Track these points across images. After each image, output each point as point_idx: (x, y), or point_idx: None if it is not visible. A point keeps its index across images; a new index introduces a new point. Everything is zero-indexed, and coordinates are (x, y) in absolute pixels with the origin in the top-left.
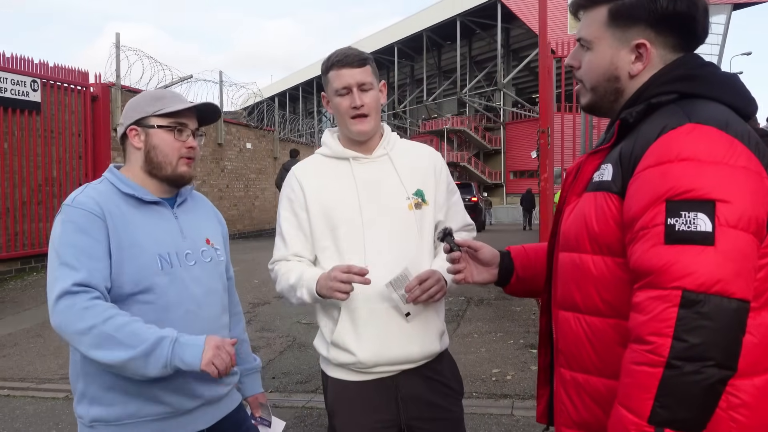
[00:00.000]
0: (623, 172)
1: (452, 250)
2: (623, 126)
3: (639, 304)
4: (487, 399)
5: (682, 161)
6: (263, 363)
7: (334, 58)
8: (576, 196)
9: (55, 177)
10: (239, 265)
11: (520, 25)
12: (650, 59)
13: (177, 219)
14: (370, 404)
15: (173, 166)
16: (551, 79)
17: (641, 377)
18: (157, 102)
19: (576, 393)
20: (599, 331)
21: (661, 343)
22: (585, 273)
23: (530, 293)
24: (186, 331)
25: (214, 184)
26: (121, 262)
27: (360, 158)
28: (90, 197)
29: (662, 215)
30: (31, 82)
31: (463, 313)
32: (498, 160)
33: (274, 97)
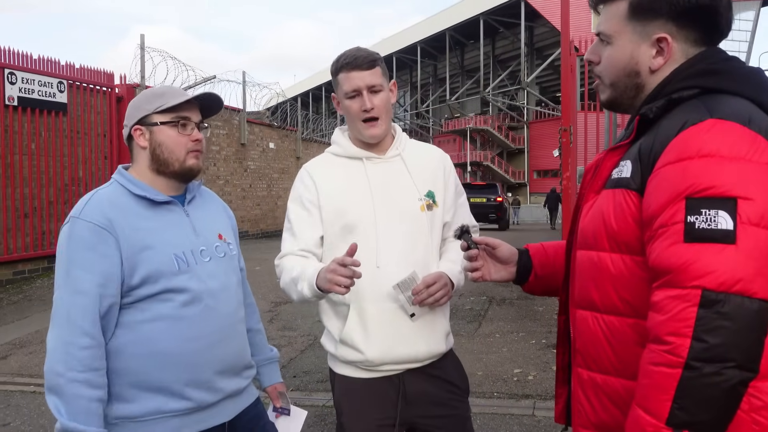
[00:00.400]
0: (642, 168)
1: (469, 247)
2: (643, 122)
3: (657, 303)
4: (508, 399)
5: (703, 157)
6: (284, 362)
7: (343, 61)
8: (594, 193)
9: (81, 177)
10: (261, 264)
11: (543, 24)
12: (671, 54)
13: (189, 217)
14: (376, 401)
15: (181, 161)
16: (574, 77)
17: (659, 378)
18: (157, 99)
19: (594, 393)
20: (617, 331)
21: (679, 344)
22: (603, 271)
23: (549, 292)
24: (204, 326)
25: (237, 184)
26: (137, 266)
27: (373, 158)
28: (97, 207)
29: (682, 213)
30: (57, 84)
31: (485, 313)
32: (521, 160)
33: (297, 97)
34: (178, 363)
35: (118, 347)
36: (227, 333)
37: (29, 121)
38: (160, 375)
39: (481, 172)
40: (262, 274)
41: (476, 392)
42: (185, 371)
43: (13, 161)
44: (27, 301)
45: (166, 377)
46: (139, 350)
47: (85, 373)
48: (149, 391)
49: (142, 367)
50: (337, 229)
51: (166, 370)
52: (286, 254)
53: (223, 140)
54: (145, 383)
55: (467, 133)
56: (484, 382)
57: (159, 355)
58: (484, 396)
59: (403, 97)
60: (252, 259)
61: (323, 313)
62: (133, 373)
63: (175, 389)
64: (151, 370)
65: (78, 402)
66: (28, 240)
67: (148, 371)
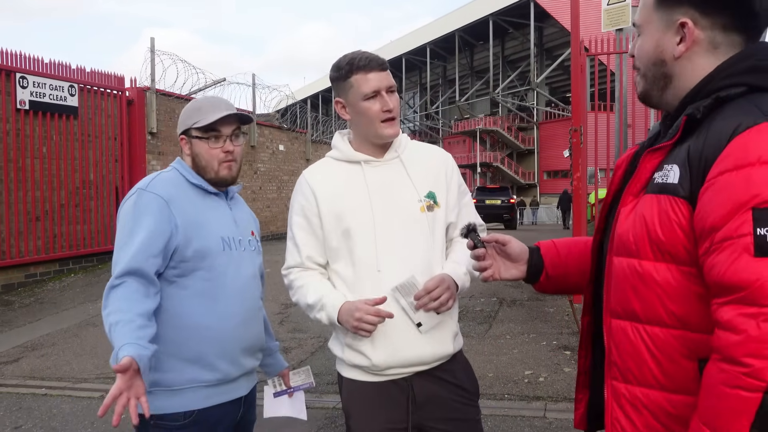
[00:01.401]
0: (692, 175)
1: (476, 246)
2: (689, 122)
3: (729, 321)
4: (519, 401)
5: (765, 164)
6: (294, 364)
7: (358, 62)
8: (633, 196)
9: (92, 180)
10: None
11: (553, 24)
12: (695, 40)
13: (231, 210)
14: (384, 405)
15: (215, 170)
16: (584, 77)
17: (736, 401)
18: (195, 114)
19: (633, 408)
20: (662, 343)
21: (760, 367)
22: (647, 281)
23: (561, 291)
24: (237, 306)
25: (247, 186)
26: (190, 239)
27: (371, 161)
28: (162, 184)
29: (749, 225)
30: (68, 87)
31: (496, 314)
32: (531, 160)
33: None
34: (214, 337)
35: (161, 319)
36: (252, 315)
37: (40, 125)
38: (198, 347)
39: (491, 173)
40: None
41: (487, 394)
42: (218, 345)
43: (24, 165)
44: (38, 304)
45: (202, 349)
46: (180, 322)
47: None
48: (186, 361)
49: (181, 338)
50: (338, 234)
51: (201, 342)
52: (293, 267)
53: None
54: (183, 354)
55: (477, 134)
56: (494, 384)
57: (197, 327)
58: (495, 398)
59: (412, 99)
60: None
61: None
62: (173, 344)
63: (208, 361)
64: (190, 342)
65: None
66: (39, 243)
67: (187, 343)
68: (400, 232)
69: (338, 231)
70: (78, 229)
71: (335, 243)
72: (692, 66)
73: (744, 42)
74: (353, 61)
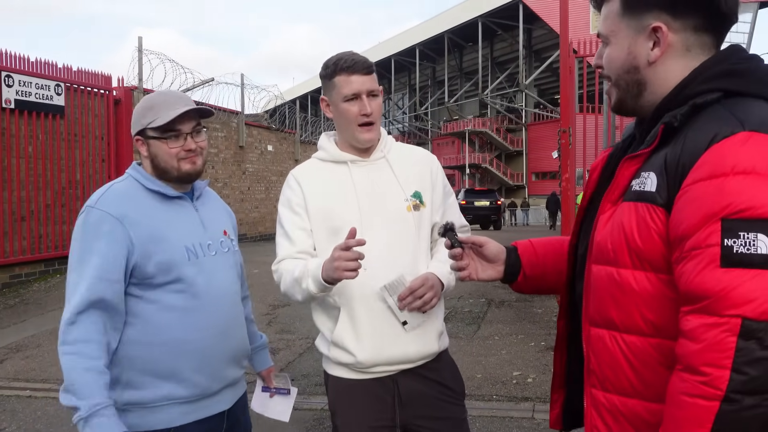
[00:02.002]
0: (669, 183)
1: (453, 246)
2: (667, 130)
3: (692, 330)
4: (507, 402)
5: (739, 175)
6: (282, 365)
7: (342, 63)
8: (611, 203)
9: (78, 180)
10: (260, 267)
11: (542, 26)
12: (669, 44)
13: (197, 212)
14: (370, 403)
15: (176, 168)
16: (573, 79)
17: (694, 410)
18: (149, 113)
19: (611, 416)
20: (640, 351)
21: (718, 375)
22: (625, 289)
23: (539, 291)
24: (214, 316)
25: (235, 187)
26: (151, 255)
27: (358, 161)
28: (112, 198)
29: (717, 235)
30: (54, 86)
31: (484, 315)
32: (520, 162)
33: (296, 99)
34: (190, 351)
35: (132, 335)
36: (233, 323)
37: (26, 124)
38: (173, 362)
39: (480, 174)
40: (260, 277)
41: (475, 395)
42: (195, 359)
43: (9, 164)
44: (23, 305)
45: (177, 365)
46: (151, 338)
47: (76, 345)
48: (160, 378)
49: (155, 355)
50: (324, 233)
51: (178, 357)
52: (284, 258)
53: (222, 143)
54: (157, 370)
55: (466, 135)
56: (483, 385)
57: (171, 342)
58: (483, 399)
59: (401, 100)
60: (250, 262)
61: (316, 315)
62: (146, 361)
63: (185, 376)
64: (164, 357)
65: (71, 374)
66: (24, 243)
67: (160, 359)
68: (387, 231)
69: (325, 229)
70: (64, 229)
71: (322, 241)
72: (666, 70)
73: (713, 42)
74: (339, 61)
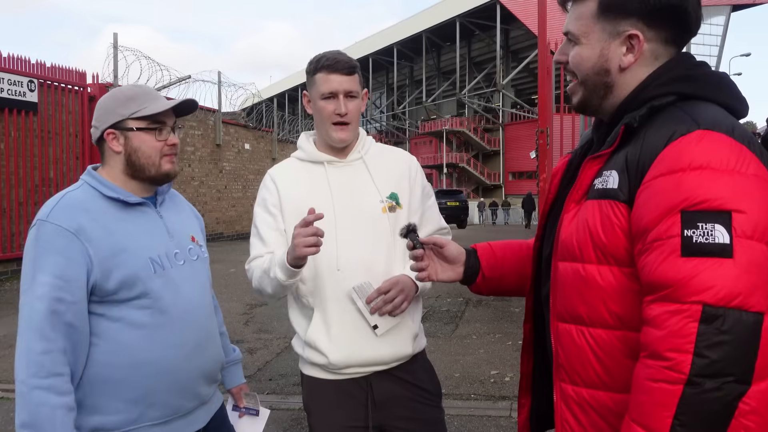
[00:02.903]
0: (630, 180)
1: (415, 247)
2: (627, 131)
3: (655, 318)
4: (485, 401)
5: (695, 170)
6: (260, 365)
7: (324, 62)
8: (575, 203)
9: (52, 177)
10: (237, 266)
11: (519, 27)
12: (642, 52)
13: (162, 218)
14: (343, 403)
15: (157, 166)
16: (550, 80)
17: (659, 395)
18: (131, 103)
19: (580, 409)
20: (606, 344)
21: (681, 360)
22: (591, 284)
23: (497, 292)
24: (185, 332)
25: (212, 185)
26: (112, 270)
27: (335, 162)
28: (66, 210)
29: (678, 226)
30: (28, 83)
31: (462, 314)
32: (497, 162)
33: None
34: (160, 371)
35: (96, 357)
36: (206, 337)
37: None
38: (142, 383)
39: (457, 173)
40: (237, 276)
41: (453, 394)
42: (167, 379)
43: None
44: None
45: (147, 386)
46: (118, 359)
47: (48, 379)
48: (129, 401)
49: (123, 377)
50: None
51: (148, 378)
52: (256, 257)
53: (198, 141)
54: (126, 393)
55: (443, 134)
56: (461, 384)
57: (140, 363)
58: (461, 398)
59: (379, 99)
60: (227, 261)
61: (292, 315)
62: (113, 383)
63: (156, 398)
64: (132, 379)
65: (42, 410)
66: None
67: (128, 380)
68: (361, 232)
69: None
70: None
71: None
72: (633, 76)
73: (676, 53)
74: (321, 59)
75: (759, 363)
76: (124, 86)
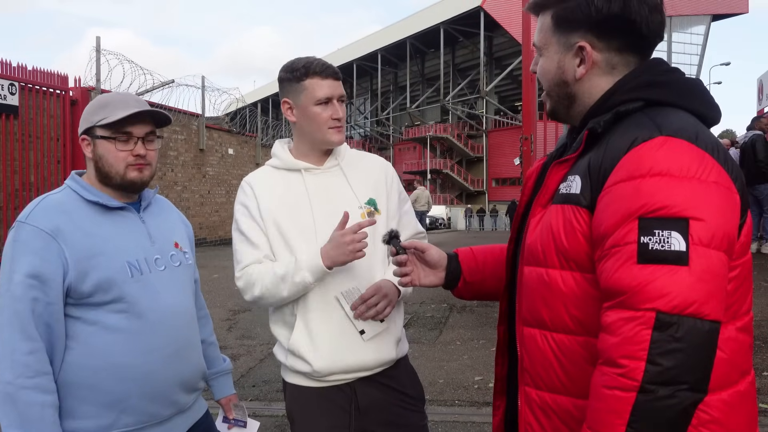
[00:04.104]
0: (592, 185)
1: (398, 252)
2: (591, 135)
3: (610, 325)
4: (469, 407)
5: (655, 176)
6: (243, 371)
7: (315, 67)
8: (541, 207)
9: (32, 182)
10: (220, 271)
11: (503, 34)
12: (594, 62)
13: (144, 223)
14: (327, 411)
15: (121, 174)
16: (534, 87)
17: (613, 402)
18: (101, 110)
19: (543, 413)
20: (567, 349)
21: (634, 367)
22: (553, 289)
23: (479, 297)
24: (161, 337)
25: (195, 190)
26: (88, 273)
27: (312, 169)
28: (45, 213)
29: (635, 233)
30: (8, 86)
31: (446, 320)
32: (480, 168)
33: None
34: (135, 376)
35: (71, 360)
36: (186, 344)
37: None
38: (116, 388)
39: (441, 180)
40: (220, 282)
41: (437, 400)
42: (142, 384)
43: None
44: None
45: (121, 391)
46: (93, 363)
47: (35, 378)
48: (102, 406)
49: (97, 381)
50: (280, 241)
51: (122, 383)
52: (250, 263)
53: (182, 146)
54: (99, 398)
55: (427, 141)
56: (445, 390)
57: (115, 367)
58: (445, 404)
59: (363, 105)
60: (210, 267)
61: (273, 323)
62: (87, 387)
63: (130, 403)
64: (106, 383)
65: (31, 410)
66: None
67: (102, 385)
68: None
69: (279, 237)
70: None
71: (278, 248)
72: (592, 85)
73: (638, 61)
74: (310, 65)
75: (720, 372)
76: (108, 93)
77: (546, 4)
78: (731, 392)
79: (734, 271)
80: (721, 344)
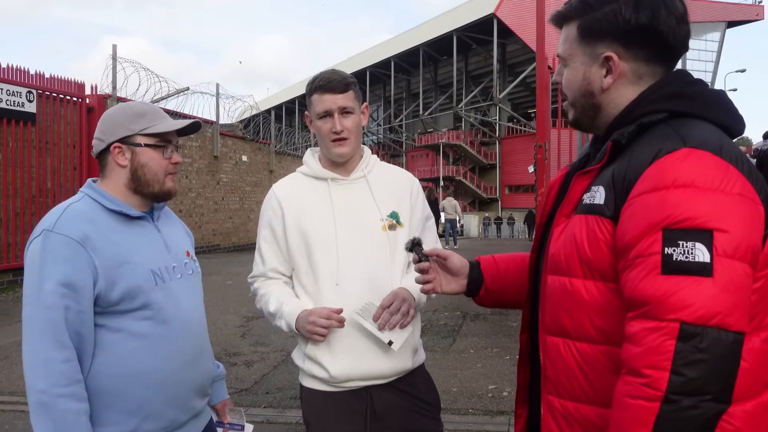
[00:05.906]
0: (616, 196)
1: (420, 260)
2: (615, 147)
3: (635, 335)
4: (483, 416)
5: (679, 188)
6: (257, 378)
7: (318, 83)
8: (565, 217)
9: (49, 188)
10: (233, 278)
11: (516, 41)
12: (621, 72)
13: (160, 232)
14: (343, 416)
15: (161, 183)
16: (548, 94)
17: (637, 411)
18: (141, 119)
19: (566, 422)
20: (590, 358)
21: (658, 377)
22: (576, 298)
23: (500, 305)
24: (182, 344)
25: (209, 197)
26: (116, 281)
27: (338, 179)
28: (72, 221)
29: (659, 244)
30: (26, 93)
31: (459, 329)
32: (493, 175)
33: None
34: (158, 382)
35: (95, 367)
36: (201, 350)
37: None
38: (139, 395)
39: (454, 187)
40: (234, 288)
41: (451, 409)
42: (166, 390)
43: None
44: None
45: (144, 397)
46: (116, 370)
47: (70, 387)
48: (126, 412)
49: (121, 388)
50: (302, 248)
51: (146, 389)
52: (257, 276)
53: (196, 152)
54: (123, 404)
55: (440, 148)
56: (458, 399)
57: (139, 374)
58: (459, 413)
59: (376, 112)
60: (224, 273)
61: None
62: (111, 394)
63: (152, 409)
64: (130, 390)
65: (67, 418)
66: None
67: (126, 391)
68: (361, 248)
69: (302, 245)
70: None
71: (299, 256)
72: (618, 96)
73: (664, 71)
74: (315, 80)
75: (743, 383)
76: (133, 102)
77: (571, 15)
78: (755, 403)
79: (758, 282)
80: (744, 355)
